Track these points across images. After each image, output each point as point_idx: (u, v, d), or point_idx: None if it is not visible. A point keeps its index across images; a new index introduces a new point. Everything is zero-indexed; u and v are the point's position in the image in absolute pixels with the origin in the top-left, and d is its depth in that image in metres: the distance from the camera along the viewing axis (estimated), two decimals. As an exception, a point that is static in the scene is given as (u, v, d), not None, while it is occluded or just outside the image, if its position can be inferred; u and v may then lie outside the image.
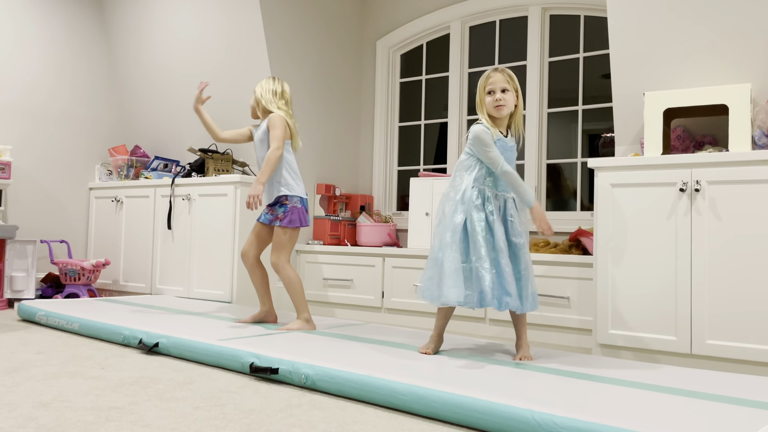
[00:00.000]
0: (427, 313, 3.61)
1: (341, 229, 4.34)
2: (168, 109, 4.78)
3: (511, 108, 2.38)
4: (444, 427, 1.69)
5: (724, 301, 2.50)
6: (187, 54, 4.51)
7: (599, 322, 2.77)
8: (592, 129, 4.00)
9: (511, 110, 2.39)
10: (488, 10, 4.24)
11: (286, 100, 3.10)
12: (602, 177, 2.80)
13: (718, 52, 2.83)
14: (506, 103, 2.35)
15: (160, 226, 4.33)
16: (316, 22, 4.40)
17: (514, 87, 2.37)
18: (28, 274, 4.16)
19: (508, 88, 2.35)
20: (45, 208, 4.60)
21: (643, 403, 1.71)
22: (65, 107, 4.74)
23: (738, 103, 2.62)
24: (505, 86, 2.35)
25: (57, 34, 4.70)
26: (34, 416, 1.65)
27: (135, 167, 4.73)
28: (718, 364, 2.50)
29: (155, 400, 1.84)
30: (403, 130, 4.72)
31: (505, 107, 2.35)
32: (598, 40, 3.82)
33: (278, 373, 2.09)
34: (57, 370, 2.19)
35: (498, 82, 2.35)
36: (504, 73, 2.37)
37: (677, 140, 3.01)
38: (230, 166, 4.28)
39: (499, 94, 2.34)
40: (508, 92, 2.35)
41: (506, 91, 2.35)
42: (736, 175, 2.50)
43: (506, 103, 2.35)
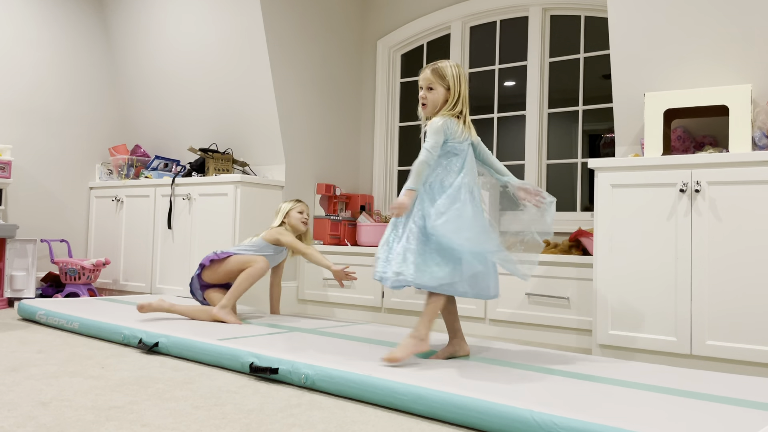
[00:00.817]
0: (427, 313, 3.61)
1: (341, 229, 4.34)
2: (168, 108, 4.78)
3: (436, 107, 2.34)
4: (443, 427, 1.69)
5: (724, 302, 2.50)
6: (188, 53, 4.52)
7: (599, 322, 2.77)
8: (592, 129, 4.00)
9: (436, 109, 2.34)
10: (489, 11, 4.24)
11: None
12: (602, 177, 2.80)
13: (718, 53, 2.83)
14: (428, 102, 2.34)
15: (161, 225, 4.33)
16: (316, 22, 4.40)
17: (443, 84, 2.31)
18: (29, 274, 4.16)
19: (433, 86, 2.32)
20: (45, 207, 4.60)
21: (642, 403, 1.71)
22: (66, 106, 4.74)
23: (738, 103, 2.62)
24: (428, 84, 2.33)
25: (57, 34, 4.70)
26: (33, 415, 1.65)
27: (135, 167, 4.73)
28: (717, 365, 2.50)
29: (155, 399, 1.84)
30: (403, 130, 4.72)
31: (426, 106, 2.35)
32: (598, 40, 3.82)
33: (278, 372, 2.09)
34: (57, 369, 2.19)
35: (421, 80, 2.36)
36: (432, 70, 2.33)
37: (677, 141, 3.01)
38: (230, 166, 4.28)
39: (423, 92, 2.35)
40: (432, 90, 2.32)
41: (431, 90, 2.33)
42: (737, 176, 2.50)
43: (428, 102, 2.34)
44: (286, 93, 4.19)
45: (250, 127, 4.31)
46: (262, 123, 4.22)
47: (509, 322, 3.33)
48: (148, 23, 4.72)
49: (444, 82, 2.32)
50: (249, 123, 4.32)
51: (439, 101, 2.34)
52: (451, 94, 2.33)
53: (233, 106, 4.37)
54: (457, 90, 2.33)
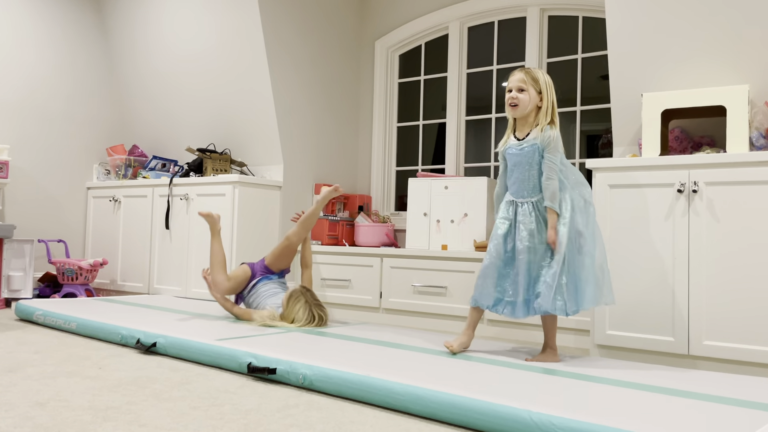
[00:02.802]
0: (424, 313, 3.62)
1: (339, 229, 4.34)
2: (166, 108, 4.77)
3: (525, 108, 2.34)
4: (442, 427, 1.69)
5: (722, 302, 2.50)
6: (186, 53, 4.51)
7: (597, 322, 2.77)
8: (590, 130, 4.01)
9: (526, 110, 2.34)
10: (487, 11, 4.24)
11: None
12: (600, 178, 2.80)
13: (716, 54, 2.84)
14: (519, 102, 2.33)
15: (158, 225, 4.32)
16: (314, 22, 4.40)
17: (536, 87, 2.34)
18: (26, 274, 4.15)
19: (525, 87, 2.33)
20: (43, 207, 4.60)
21: (640, 403, 1.71)
22: (63, 106, 4.74)
23: (736, 104, 2.62)
24: (520, 85, 2.34)
25: (55, 34, 4.69)
26: (31, 416, 1.64)
27: (133, 167, 4.72)
28: (715, 365, 2.50)
29: (152, 399, 1.83)
30: (401, 130, 4.72)
31: (518, 107, 2.34)
32: (596, 41, 3.82)
33: (276, 373, 2.09)
34: (54, 369, 2.19)
35: (513, 81, 2.37)
36: (524, 73, 2.36)
37: (675, 141, 3.01)
38: (228, 166, 4.28)
39: (514, 92, 2.35)
40: (524, 92, 2.33)
41: (523, 91, 2.33)
42: (734, 176, 2.50)
43: (519, 102, 2.33)
44: (284, 93, 4.19)
45: (248, 128, 4.31)
46: (260, 123, 4.21)
47: (507, 322, 3.34)
48: (145, 23, 4.72)
49: (535, 86, 2.34)
50: (247, 123, 4.32)
51: (528, 104, 2.34)
52: (544, 99, 2.35)
53: (231, 106, 4.37)
54: (546, 96, 2.35)
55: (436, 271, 3.60)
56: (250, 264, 3.23)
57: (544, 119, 2.34)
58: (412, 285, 3.67)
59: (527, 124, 2.38)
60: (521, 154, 2.35)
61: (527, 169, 2.34)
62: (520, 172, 2.35)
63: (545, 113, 2.34)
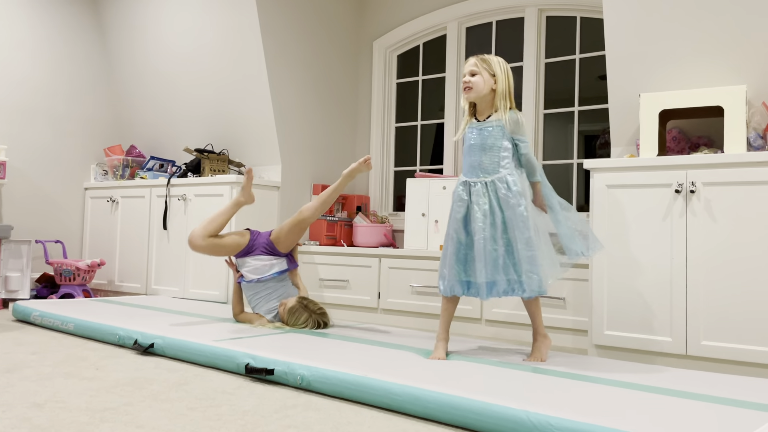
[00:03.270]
0: (422, 313, 3.62)
1: (337, 230, 4.34)
2: (164, 108, 4.77)
3: (480, 91, 2.35)
4: (439, 428, 1.69)
5: (720, 302, 2.50)
6: (184, 53, 4.51)
7: (595, 323, 2.77)
8: (588, 130, 4.01)
9: (480, 93, 2.35)
10: (485, 11, 4.25)
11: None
12: (598, 178, 2.80)
13: (713, 54, 2.84)
14: (473, 85, 2.34)
15: (156, 226, 4.32)
16: (312, 22, 4.40)
17: (489, 71, 2.34)
18: (23, 274, 4.15)
19: (477, 71, 2.34)
20: (40, 207, 4.59)
21: (638, 404, 1.71)
22: (61, 107, 4.73)
23: (733, 104, 2.62)
24: (472, 69, 2.35)
25: (52, 33, 4.69)
26: (28, 417, 1.64)
27: (131, 167, 4.72)
28: (713, 365, 2.51)
29: (150, 400, 1.83)
30: (399, 130, 4.72)
31: (471, 90, 2.35)
32: (594, 41, 3.83)
33: (273, 373, 2.09)
34: (51, 370, 2.19)
35: (466, 67, 2.39)
36: (476, 57, 2.37)
37: (673, 141, 3.01)
38: (226, 167, 4.27)
39: (467, 77, 2.36)
40: (477, 75, 2.34)
41: (475, 74, 2.34)
42: (732, 177, 2.50)
43: (473, 85, 2.34)
44: (282, 93, 4.18)
45: (246, 128, 4.30)
46: (258, 123, 4.21)
47: (505, 322, 3.34)
48: (143, 23, 4.71)
49: (488, 69, 2.35)
50: (245, 123, 4.32)
51: (482, 87, 2.34)
52: (497, 81, 2.35)
53: (229, 106, 4.37)
54: (499, 78, 2.35)
55: (435, 272, 3.59)
56: (253, 233, 3.08)
57: (502, 101, 2.34)
58: (411, 285, 3.67)
59: (486, 108, 2.38)
60: (480, 134, 2.35)
61: (484, 149, 2.33)
62: (477, 152, 2.35)
63: (502, 95, 2.34)
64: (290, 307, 2.91)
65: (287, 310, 2.91)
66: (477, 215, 2.28)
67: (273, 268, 3.04)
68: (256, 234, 3.09)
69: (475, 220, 2.28)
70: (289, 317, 2.89)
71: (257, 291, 3.04)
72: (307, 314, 2.90)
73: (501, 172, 2.30)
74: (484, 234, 2.25)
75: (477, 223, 2.27)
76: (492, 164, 2.32)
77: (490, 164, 2.32)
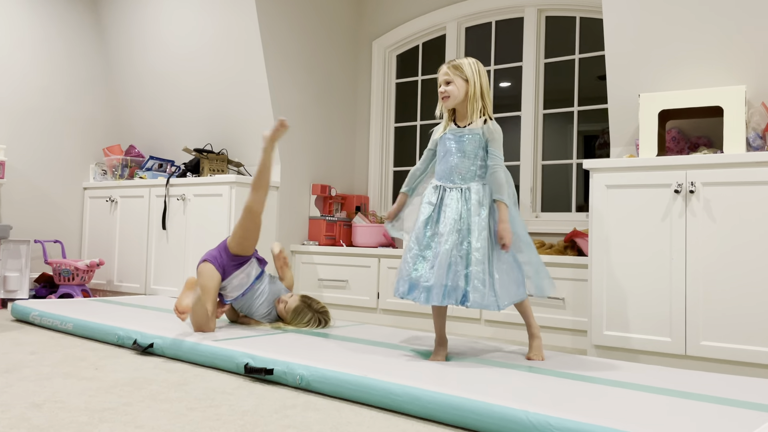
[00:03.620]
0: (421, 314, 3.61)
1: (336, 230, 4.33)
2: (163, 108, 4.77)
3: (457, 98, 2.33)
4: (439, 428, 1.69)
5: (719, 303, 2.50)
6: (183, 54, 4.50)
7: (594, 323, 2.77)
8: (587, 130, 4.01)
9: (457, 100, 2.34)
10: (484, 11, 4.25)
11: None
12: (597, 178, 2.81)
13: (713, 54, 2.84)
14: (449, 93, 2.34)
15: (155, 226, 4.31)
16: (312, 22, 4.40)
17: (461, 76, 2.33)
18: (22, 274, 4.14)
19: (450, 78, 2.33)
20: (39, 207, 4.58)
21: (637, 404, 1.71)
22: (60, 106, 4.72)
23: (733, 104, 2.63)
24: (445, 78, 2.35)
25: (51, 33, 4.68)
26: (27, 417, 1.64)
27: (130, 167, 4.71)
28: (712, 366, 2.51)
29: (149, 401, 1.83)
30: (398, 130, 4.72)
31: (448, 98, 2.34)
32: (593, 41, 3.83)
33: (273, 373, 2.08)
34: (50, 370, 2.18)
35: (439, 76, 2.38)
36: (447, 65, 2.36)
37: (672, 142, 3.01)
38: (225, 166, 4.27)
39: (443, 86, 2.36)
40: (451, 84, 2.33)
41: (449, 83, 2.33)
42: (731, 177, 2.50)
43: (449, 93, 2.34)
44: (281, 93, 4.18)
45: (245, 128, 4.30)
46: (257, 123, 4.21)
47: (504, 322, 3.34)
48: (142, 23, 4.71)
49: (461, 75, 2.33)
50: (244, 123, 4.32)
51: (457, 94, 2.33)
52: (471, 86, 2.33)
53: (228, 106, 4.36)
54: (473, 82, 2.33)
55: (434, 272, 3.59)
56: (213, 261, 2.77)
57: (474, 103, 2.33)
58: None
59: (466, 113, 2.36)
60: (459, 141, 2.33)
61: (462, 157, 2.32)
62: (454, 159, 2.33)
63: (474, 97, 2.32)
64: (294, 307, 2.88)
65: (290, 309, 2.87)
66: (448, 220, 2.26)
67: (251, 276, 2.89)
68: (215, 259, 2.79)
69: (444, 223, 2.26)
70: (292, 317, 2.87)
71: (246, 302, 2.90)
72: (311, 314, 2.88)
73: (477, 181, 2.31)
74: (449, 238, 2.23)
75: (446, 227, 2.25)
76: (469, 172, 2.32)
77: (467, 171, 2.32)
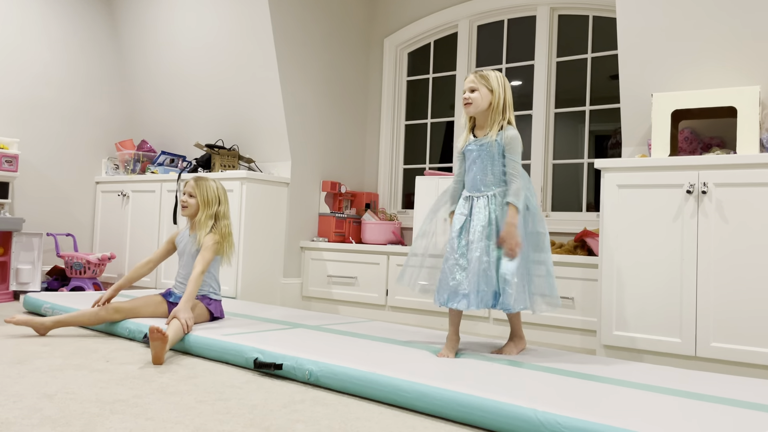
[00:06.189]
0: (430, 311, 3.62)
1: (346, 227, 4.34)
2: (175, 104, 4.79)
3: (479, 106, 2.39)
4: (447, 425, 1.69)
5: (730, 304, 2.49)
6: (195, 50, 4.52)
7: (603, 323, 2.76)
8: (599, 130, 3.99)
9: (479, 108, 2.39)
10: (496, 9, 4.23)
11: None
12: (609, 178, 2.79)
13: (726, 54, 2.82)
14: (472, 101, 2.39)
15: (166, 220, 4.34)
16: (323, 19, 4.40)
17: (487, 86, 2.38)
18: (34, 267, 4.18)
19: (476, 87, 2.39)
20: (51, 201, 4.62)
21: (646, 404, 1.71)
22: (73, 101, 4.76)
23: (746, 105, 2.61)
24: (471, 86, 2.40)
25: (66, 29, 4.71)
26: (39, 407, 1.66)
27: (141, 162, 4.74)
28: (722, 367, 2.49)
29: (159, 393, 1.84)
30: (409, 128, 4.72)
31: (471, 105, 2.39)
32: (606, 40, 3.81)
33: (282, 368, 2.09)
34: (62, 362, 2.20)
35: (466, 83, 2.43)
36: (475, 74, 2.42)
37: (685, 142, 3.00)
38: (236, 162, 4.29)
39: (467, 93, 2.40)
40: (476, 91, 2.39)
41: (474, 91, 2.39)
42: (744, 178, 2.49)
43: (472, 101, 2.39)
44: (293, 90, 4.19)
45: (257, 124, 4.31)
46: (269, 120, 4.22)
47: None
48: (155, 19, 4.73)
49: (487, 85, 2.39)
50: (255, 119, 4.33)
51: (481, 103, 2.39)
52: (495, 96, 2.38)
53: (240, 102, 4.38)
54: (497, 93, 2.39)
55: (443, 270, 3.59)
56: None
57: (498, 115, 2.38)
58: (419, 283, 3.66)
59: (486, 123, 2.42)
60: (480, 149, 2.39)
61: (484, 164, 2.38)
62: (478, 167, 2.39)
63: (496, 109, 2.38)
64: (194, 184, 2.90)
65: (191, 187, 2.89)
66: (476, 228, 2.33)
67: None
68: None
69: (473, 231, 2.33)
70: (197, 189, 2.89)
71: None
72: (211, 181, 2.92)
73: (502, 186, 2.36)
74: (479, 244, 2.30)
75: (475, 234, 2.32)
76: (494, 178, 2.37)
77: (493, 178, 2.37)
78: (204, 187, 2.92)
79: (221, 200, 2.95)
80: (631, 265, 2.71)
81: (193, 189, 2.91)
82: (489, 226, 2.32)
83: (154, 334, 2.23)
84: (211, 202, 2.91)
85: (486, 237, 2.31)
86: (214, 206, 2.91)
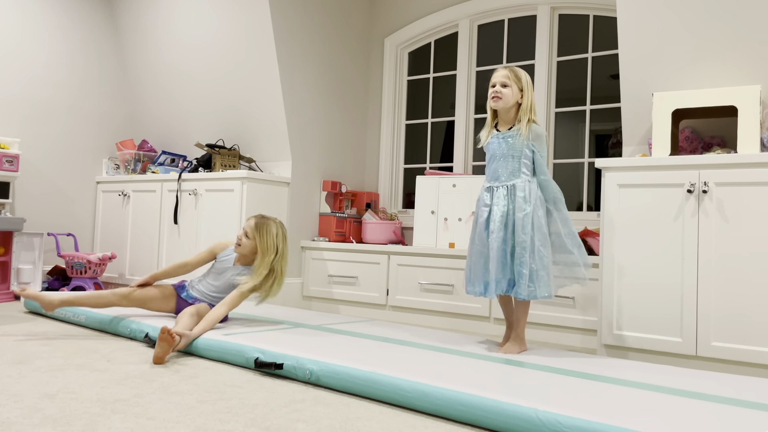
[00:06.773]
0: (430, 311, 3.62)
1: (346, 226, 4.34)
2: (176, 104, 4.79)
3: (508, 102, 2.47)
4: (447, 424, 1.69)
5: (730, 303, 2.49)
6: (196, 50, 4.52)
7: (604, 322, 2.76)
8: (599, 129, 3.99)
9: (508, 104, 2.47)
10: (497, 9, 4.23)
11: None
12: (609, 177, 2.79)
13: (727, 54, 2.82)
14: (502, 96, 2.46)
15: (167, 220, 4.34)
16: (324, 19, 4.40)
17: (518, 85, 2.47)
18: (35, 267, 4.18)
19: (508, 83, 2.46)
20: (52, 201, 4.62)
21: (646, 403, 1.71)
22: (74, 101, 4.76)
23: (747, 104, 2.61)
24: (504, 81, 2.47)
25: (67, 29, 4.72)
26: (40, 407, 1.66)
27: (142, 162, 4.74)
28: (723, 366, 2.49)
29: (160, 393, 1.85)
30: (409, 127, 4.72)
31: (500, 100, 2.47)
32: (607, 40, 3.81)
33: (283, 368, 2.10)
34: (63, 362, 2.20)
35: (498, 77, 2.50)
36: (509, 69, 2.49)
37: (685, 141, 3.00)
38: (237, 162, 4.29)
39: (498, 87, 2.48)
40: (507, 87, 2.46)
41: (506, 86, 2.46)
42: (745, 177, 2.49)
43: (502, 96, 2.46)
44: (294, 89, 4.19)
45: (257, 124, 4.32)
46: (269, 119, 4.22)
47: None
48: (156, 19, 4.73)
49: (517, 83, 2.47)
50: (256, 119, 4.33)
51: (510, 99, 2.47)
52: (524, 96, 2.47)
53: (240, 102, 4.38)
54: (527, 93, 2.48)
55: (443, 269, 3.60)
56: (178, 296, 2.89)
57: (525, 115, 2.47)
58: (419, 283, 3.67)
59: (508, 120, 2.51)
60: (504, 143, 2.49)
61: (506, 157, 2.47)
62: (500, 160, 2.49)
63: (526, 109, 2.47)
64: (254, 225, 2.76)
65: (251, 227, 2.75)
66: (496, 216, 2.44)
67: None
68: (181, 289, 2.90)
69: (494, 221, 2.44)
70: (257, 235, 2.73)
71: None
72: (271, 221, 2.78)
73: (522, 178, 2.46)
74: (499, 234, 2.41)
75: (495, 224, 2.43)
76: (514, 170, 2.47)
77: (512, 170, 2.47)
78: (265, 232, 2.74)
79: (279, 249, 2.74)
80: (632, 264, 2.71)
81: (252, 232, 2.76)
82: (507, 216, 2.43)
83: (164, 335, 2.24)
84: (269, 250, 2.72)
85: (504, 226, 2.42)
86: (270, 255, 2.71)
